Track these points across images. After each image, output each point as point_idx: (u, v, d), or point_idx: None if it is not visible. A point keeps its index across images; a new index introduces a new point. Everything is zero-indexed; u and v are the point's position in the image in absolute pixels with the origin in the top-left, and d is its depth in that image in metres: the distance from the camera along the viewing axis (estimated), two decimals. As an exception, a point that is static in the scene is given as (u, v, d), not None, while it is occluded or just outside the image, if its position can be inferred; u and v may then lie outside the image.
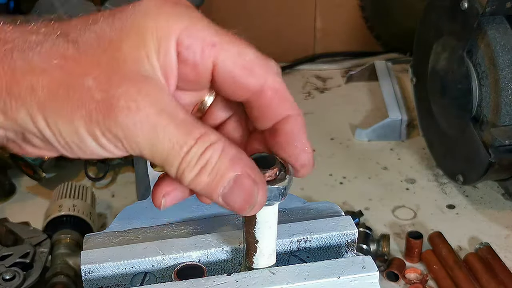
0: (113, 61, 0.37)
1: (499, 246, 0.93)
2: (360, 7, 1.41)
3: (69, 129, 0.37)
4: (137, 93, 0.37)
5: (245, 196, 0.39)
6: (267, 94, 0.41)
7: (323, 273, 0.44)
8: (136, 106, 0.37)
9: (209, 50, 0.39)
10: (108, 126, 0.37)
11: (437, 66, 1.02)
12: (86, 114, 0.37)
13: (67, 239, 0.87)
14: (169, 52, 0.39)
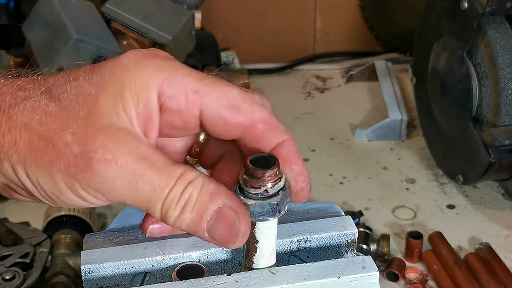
0: (90, 116, 0.39)
1: (499, 246, 0.93)
2: (360, 7, 1.41)
3: (49, 182, 0.39)
4: (112, 144, 0.38)
5: (227, 228, 0.40)
6: (258, 127, 0.42)
7: (323, 273, 0.44)
8: (113, 157, 0.38)
9: (193, 96, 0.40)
10: (87, 179, 0.38)
11: (437, 66, 1.02)
12: (65, 168, 0.38)
13: (67, 239, 0.87)
14: (148, 104, 0.40)
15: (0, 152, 0.39)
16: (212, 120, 0.41)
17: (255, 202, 0.41)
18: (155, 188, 0.39)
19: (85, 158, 0.38)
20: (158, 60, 0.41)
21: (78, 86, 0.40)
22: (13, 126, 0.39)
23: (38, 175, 0.39)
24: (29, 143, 0.39)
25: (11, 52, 1.07)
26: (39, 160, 0.39)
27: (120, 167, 0.38)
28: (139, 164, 0.38)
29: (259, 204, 0.41)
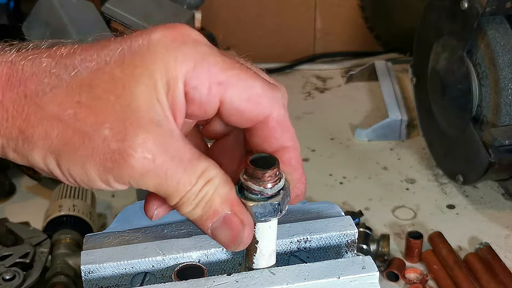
0: (127, 109, 0.39)
1: (499, 246, 0.93)
2: (360, 7, 1.41)
3: (81, 172, 0.39)
4: (152, 143, 0.39)
5: (232, 235, 0.42)
6: (270, 125, 0.42)
7: (323, 273, 0.44)
8: (152, 157, 0.39)
9: (216, 89, 0.40)
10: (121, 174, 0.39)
11: (437, 66, 1.02)
12: (100, 163, 0.38)
13: (67, 239, 0.87)
14: (177, 94, 0.40)
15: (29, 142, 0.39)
16: (229, 111, 0.41)
17: (257, 203, 0.41)
18: (179, 185, 0.40)
19: (123, 154, 0.38)
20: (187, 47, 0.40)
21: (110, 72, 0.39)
22: (44, 117, 0.38)
23: (70, 167, 0.39)
24: (62, 137, 0.38)
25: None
26: (73, 154, 0.39)
27: (156, 166, 0.39)
28: (172, 163, 0.39)
29: (261, 205, 0.41)
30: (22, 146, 0.39)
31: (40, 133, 0.38)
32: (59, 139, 0.38)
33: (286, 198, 0.42)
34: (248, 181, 0.41)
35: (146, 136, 0.38)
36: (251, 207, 0.41)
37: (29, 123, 0.38)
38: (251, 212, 0.42)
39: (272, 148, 0.43)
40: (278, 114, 0.42)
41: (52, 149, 0.39)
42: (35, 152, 0.39)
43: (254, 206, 0.41)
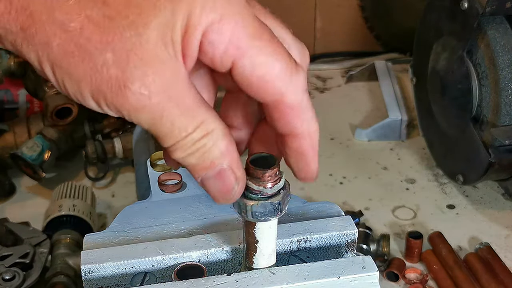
0: (136, 38, 0.36)
1: (499, 246, 0.93)
2: (360, 7, 1.41)
3: (75, 88, 0.37)
4: (152, 79, 0.37)
5: (224, 189, 0.40)
6: (280, 108, 0.40)
7: (323, 273, 0.44)
8: (148, 94, 0.37)
9: (232, 51, 0.38)
10: (115, 102, 0.37)
11: (437, 66, 1.02)
12: (96, 85, 0.37)
13: (67, 239, 0.87)
14: (192, 41, 0.37)
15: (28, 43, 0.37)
16: (239, 78, 0.39)
17: (257, 202, 0.41)
18: (174, 128, 0.38)
19: (119, 84, 0.36)
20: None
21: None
22: (48, 22, 0.36)
23: (65, 79, 0.37)
24: (63, 48, 0.36)
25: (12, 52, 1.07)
26: (71, 69, 0.37)
27: (151, 103, 0.37)
28: (169, 104, 0.37)
29: (261, 204, 0.41)
30: (21, 43, 0.37)
31: (41, 38, 0.36)
32: (59, 49, 0.36)
33: (286, 197, 0.42)
34: (248, 181, 0.41)
35: (147, 70, 0.36)
36: (251, 206, 0.41)
37: (32, 23, 0.36)
38: (251, 212, 0.42)
39: (281, 131, 0.41)
40: (292, 99, 0.40)
41: (50, 58, 0.37)
42: (32, 54, 0.37)
43: (254, 205, 0.41)
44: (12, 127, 1.06)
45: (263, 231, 0.43)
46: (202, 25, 0.37)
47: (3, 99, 1.19)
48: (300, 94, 0.40)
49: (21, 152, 1.00)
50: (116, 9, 0.36)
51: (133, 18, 0.36)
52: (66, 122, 1.04)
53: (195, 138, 0.39)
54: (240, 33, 0.38)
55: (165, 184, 0.56)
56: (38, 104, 1.19)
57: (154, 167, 0.58)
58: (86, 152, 1.05)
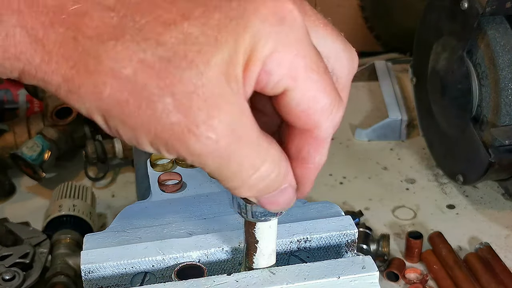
0: (198, 78, 0.33)
1: (499, 246, 0.93)
2: (360, 7, 1.41)
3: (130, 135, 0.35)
4: (218, 122, 0.34)
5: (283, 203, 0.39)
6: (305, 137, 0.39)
7: (323, 273, 0.44)
8: (216, 137, 0.34)
9: (286, 81, 0.36)
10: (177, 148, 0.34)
11: (437, 66, 1.02)
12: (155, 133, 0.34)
13: (67, 239, 0.87)
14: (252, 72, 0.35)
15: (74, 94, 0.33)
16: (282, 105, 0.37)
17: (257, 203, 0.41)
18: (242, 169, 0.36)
19: (182, 130, 0.33)
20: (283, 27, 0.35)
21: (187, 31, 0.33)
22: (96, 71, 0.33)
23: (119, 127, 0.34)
24: (115, 98, 0.33)
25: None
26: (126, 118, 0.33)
27: (219, 147, 0.34)
28: (238, 145, 0.35)
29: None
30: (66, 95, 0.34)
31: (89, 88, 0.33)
32: (110, 99, 0.33)
33: None
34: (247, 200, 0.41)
35: (212, 112, 0.33)
36: (251, 207, 0.41)
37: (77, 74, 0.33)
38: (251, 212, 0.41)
39: (293, 155, 0.40)
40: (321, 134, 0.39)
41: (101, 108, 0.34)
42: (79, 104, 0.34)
43: (254, 205, 0.41)
44: (12, 127, 1.06)
45: (263, 231, 0.43)
46: (263, 56, 0.35)
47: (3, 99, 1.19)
48: (331, 131, 0.39)
49: (21, 152, 1.00)
50: (172, 48, 0.33)
51: (192, 56, 0.33)
52: (66, 122, 1.04)
53: (261, 176, 0.37)
54: (299, 64, 0.36)
55: (165, 184, 0.56)
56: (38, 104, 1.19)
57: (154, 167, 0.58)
58: (86, 152, 1.05)
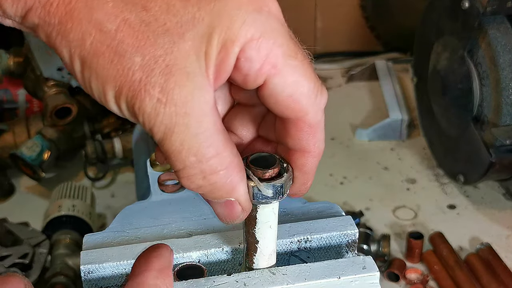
0: (169, 46, 0.36)
1: (500, 246, 0.93)
2: (360, 6, 1.40)
3: (99, 88, 0.37)
4: (172, 88, 0.36)
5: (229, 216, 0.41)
6: (300, 125, 0.41)
7: (324, 273, 0.44)
8: (166, 101, 0.36)
9: (267, 69, 0.38)
10: (134, 105, 0.37)
11: (438, 65, 1.02)
12: (120, 87, 0.37)
13: (67, 240, 0.87)
14: (228, 57, 0.37)
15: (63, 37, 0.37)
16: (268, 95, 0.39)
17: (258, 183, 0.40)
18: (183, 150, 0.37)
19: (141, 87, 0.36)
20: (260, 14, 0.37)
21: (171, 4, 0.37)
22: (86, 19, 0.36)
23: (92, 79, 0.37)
24: (95, 47, 0.36)
25: (11, 52, 1.07)
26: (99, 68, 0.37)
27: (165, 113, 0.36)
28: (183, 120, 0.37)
29: (263, 185, 0.41)
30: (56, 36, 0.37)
31: (76, 35, 0.37)
32: (91, 48, 0.37)
33: (288, 181, 0.41)
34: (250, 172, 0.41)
35: (170, 78, 0.36)
36: (253, 188, 0.41)
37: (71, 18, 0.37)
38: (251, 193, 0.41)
39: (292, 146, 0.42)
40: (313, 118, 0.41)
41: (81, 55, 0.37)
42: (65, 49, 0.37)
43: (255, 186, 0.40)
44: (12, 127, 1.06)
45: (264, 231, 0.43)
46: (241, 40, 0.37)
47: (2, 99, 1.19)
48: (320, 115, 0.41)
49: (20, 152, 1.00)
50: (154, 15, 0.36)
51: (169, 25, 0.36)
52: (66, 122, 1.04)
53: (206, 170, 0.38)
54: (278, 51, 0.38)
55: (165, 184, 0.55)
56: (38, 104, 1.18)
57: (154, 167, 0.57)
58: (86, 152, 1.05)
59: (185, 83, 0.36)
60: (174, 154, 0.38)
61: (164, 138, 0.37)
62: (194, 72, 0.37)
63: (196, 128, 0.37)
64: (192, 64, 0.37)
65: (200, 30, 0.37)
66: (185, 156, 0.37)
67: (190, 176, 0.38)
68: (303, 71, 0.39)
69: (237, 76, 0.38)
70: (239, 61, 0.37)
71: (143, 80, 0.36)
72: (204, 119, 0.37)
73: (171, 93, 0.36)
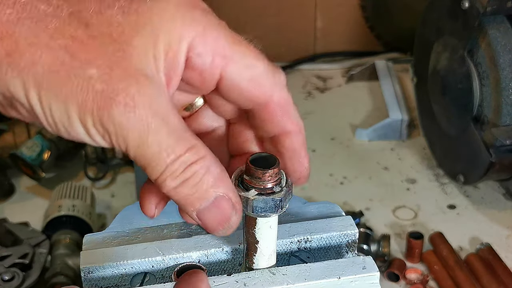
0: (120, 53, 0.37)
1: (500, 246, 0.93)
2: (360, 6, 1.41)
3: (62, 111, 0.37)
4: (137, 91, 0.36)
5: (221, 218, 0.40)
6: (270, 107, 0.41)
7: (324, 274, 0.44)
8: (134, 105, 0.36)
9: (219, 61, 0.39)
10: (101, 118, 0.36)
11: (438, 65, 1.02)
12: (82, 102, 0.36)
13: (67, 240, 0.87)
14: (177, 56, 0.38)
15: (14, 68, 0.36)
16: (229, 87, 0.40)
17: (258, 197, 0.41)
18: (162, 150, 0.37)
19: (105, 97, 0.36)
20: (197, 12, 0.39)
21: (112, 17, 0.37)
22: (34, 44, 0.36)
23: (52, 102, 0.37)
24: (49, 67, 0.36)
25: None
26: (57, 88, 0.36)
27: (136, 117, 0.36)
28: (154, 119, 0.37)
29: (262, 199, 0.41)
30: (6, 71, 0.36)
31: (27, 60, 0.36)
32: (45, 69, 0.36)
33: (288, 195, 0.42)
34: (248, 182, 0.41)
35: (132, 82, 0.36)
36: (252, 201, 0.41)
37: (18, 48, 0.36)
38: (252, 206, 0.41)
39: (273, 132, 0.42)
40: (280, 97, 0.41)
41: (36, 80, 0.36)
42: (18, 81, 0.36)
43: (255, 200, 0.41)
44: (12, 127, 1.06)
45: (264, 231, 0.43)
46: (186, 39, 0.38)
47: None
48: (286, 92, 0.42)
49: (20, 152, 1.00)
50: (98, 29, 0.37)
51: (116, 36, 0.37)
52: (66, 122, 1.04)
53: (186, 162, 0.38)
54: (223, 41, 0.39)
55: (165, 184, 0.55)
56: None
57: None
58: (86, 152, 1.05)
59: (146, 85, 0.37)
60: (154, 158, 0.37)
61: (141, 143, 0.37)
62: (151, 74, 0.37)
63: (167, 126, 0.37)
64: (146, 66, 0.37)
65: (145, 35, 0.37)
66: (166, 156, 0.37)
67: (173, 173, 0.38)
68: (252, 54, 0.40)
69: (194, 76, 0.39)
70: (191, 59, 0.38)
71: (105, 89, 0.36)
72: (171, 117, 0.37)
73: (136, 96, 0.36)
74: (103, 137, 0.37)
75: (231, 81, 0.40)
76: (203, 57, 0.39)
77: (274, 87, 0.41)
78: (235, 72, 0.39)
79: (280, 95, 0.41)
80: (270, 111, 0.41)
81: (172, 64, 0.38)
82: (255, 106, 0.41)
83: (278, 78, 0.41)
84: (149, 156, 0.37)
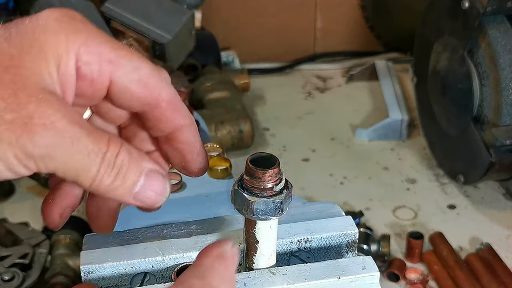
0: (17, 78, 0.37)
1: (500, 246, 0.93)
2: (360, 6, 1.40)
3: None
4: (48, 108, 0.36)
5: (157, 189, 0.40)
6: (161, 105, 0.42)
7: (324, 274, 0.44)
8: (51, 122, 0.36)
9: (106, 66, 0.40)
10: (23, 146, 0.36)
11: (438, 65, 1.02)
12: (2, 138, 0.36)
13: (67, 240, 0.87)
14: (68, 68, 0.39)
15: None
16: (119, 91, 0.41)
17: (259, 199, 0.41)
18: (89, 153, 0.37)
19: (20, 124, 0.35)
20: (77, 22, 0.40)
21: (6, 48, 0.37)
22: None
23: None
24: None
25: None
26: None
27: (58, 132, 0.36)
28: (74, 129, 0.37)
29: (263, 201, 0.41)
30: None
31: None
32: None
33: (288, 198, 0.42)
34: (249, 182, 0.41)
35: (40, 101, 0.36)
36: (253, 203, 0.41)
37: None
38: (252, 209, 0.41)
39: (167, 129, 0.43)
40: (168, 95, 0.42)
41: None
42: None
43: (256, 202, 0.41)
44: (12, 127, 1.06)
45: (264, 231, 0.43)
46: (72, 50, 0.39)
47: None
48: (173, 88, 0.43)
49: (20, 152, 1.00)
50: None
51: (7, 63, 0.37)
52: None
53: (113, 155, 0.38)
54: (106, 48, 0.40)
55: (165, 184, 0.55)
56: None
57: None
58: (86, 152, 1.05)
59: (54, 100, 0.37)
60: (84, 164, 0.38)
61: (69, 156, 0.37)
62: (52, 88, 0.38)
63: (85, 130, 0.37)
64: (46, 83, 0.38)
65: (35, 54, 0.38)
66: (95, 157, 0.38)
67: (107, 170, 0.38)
68: (135, 57, 0.41)
69: (85, 86, 0.40)
70: (80, 69, 0.39)
71: (17, 117, 0.36)
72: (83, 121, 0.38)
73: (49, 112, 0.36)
74: (25, 166, 0.37)
75: (121, 84, 0.40)
76: (91, 65, 0.39)
77: (161, 85, 0.42)
78: (123, 75, 0.40)
79: (168, 92, 0.42)
80: (162, 109, 0.42)
81: (64, 76, 0.39)
82: (146, 106, 0.42)
83: (163, 76, 0.42)
84: (79, 165, 0.38)
